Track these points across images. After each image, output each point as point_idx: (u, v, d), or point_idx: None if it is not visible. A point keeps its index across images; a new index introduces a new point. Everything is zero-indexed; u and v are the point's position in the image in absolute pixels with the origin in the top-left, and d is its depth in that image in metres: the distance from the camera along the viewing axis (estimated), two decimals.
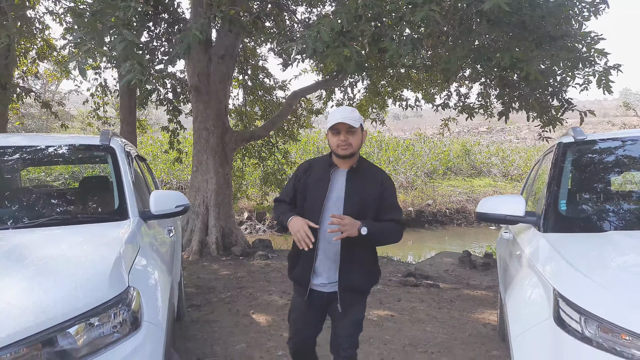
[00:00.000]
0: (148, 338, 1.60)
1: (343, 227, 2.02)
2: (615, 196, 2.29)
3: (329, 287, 2.24)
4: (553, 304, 1.38)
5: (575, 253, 1.63)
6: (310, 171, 2.27)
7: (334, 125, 2.12)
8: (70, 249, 1.83)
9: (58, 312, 1.42)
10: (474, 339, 3.99)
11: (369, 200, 2.17)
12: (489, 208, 2.36)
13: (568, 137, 2.57)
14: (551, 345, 1.29)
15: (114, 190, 2.56)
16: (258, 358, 3.54)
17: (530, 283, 1.65)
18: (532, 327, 1.42)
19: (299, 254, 2.26)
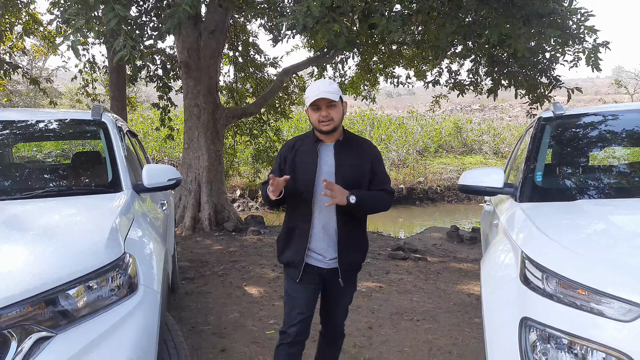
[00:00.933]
0: (144, 300, 1.70)
1: (332, 193, 2.01)
2: (588, 168, 2.40)
3: (325, 264, 2.19)
4: (520, 265, 1.49)
5: (545, 219, 1.73)
6: (296, 149, 2.21)
7: (314, 101, 2.07)
8: (66, 218, 1.91)
9: (59, 275, 1.51)
10: (458, 307, 4.16)
11: (360, 172, 2.16)
12: (470, 180, 2.46)
13: (548, 112, 2.66)
14: (516, 301, 1.40)
15: (106, 164, 2.62)
16: (250, 326, 3.67)
17: (504, 248, 1.76)
18: (500, 286, 1.53)
19: (292, 233, 2.22)
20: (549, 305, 1.29)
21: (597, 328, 1.18)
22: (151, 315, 1.70)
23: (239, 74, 10.84)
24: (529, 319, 1.31)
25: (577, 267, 1.31)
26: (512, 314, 1.38)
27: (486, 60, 6.81)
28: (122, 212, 2.03)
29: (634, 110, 2.63)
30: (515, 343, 1.31)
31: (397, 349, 3.27)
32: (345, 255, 2.17)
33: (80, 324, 1.51)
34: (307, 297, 2.21)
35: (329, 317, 2.36)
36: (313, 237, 2.17)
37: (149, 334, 1.65)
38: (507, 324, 1.38)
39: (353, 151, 2.19)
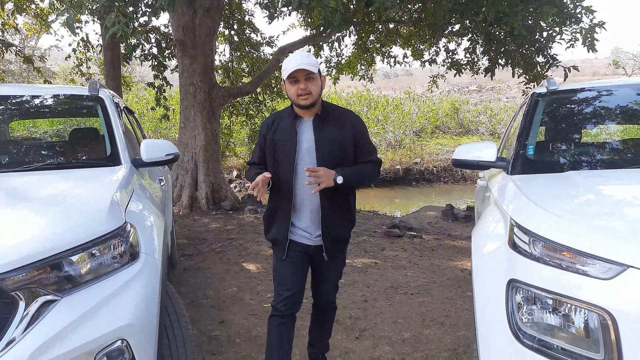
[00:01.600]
0: (145, 267, 1.75)
1: (318, 179, 1.98)
2: (580, 142, 2.44)
3: (311, 240, 2.18)
4: (509, 232, 1.54)
5: (534, 189, 1.79)
6: (275, 126, 2.16)
7: (291, 73, 2.00)
8: (68, 189, 1.94)
9: (63, 241, 1.55)
10: (451, 282, 4.26)
11: (343, 147, 2.11)
12: (464, 154, 2.51)
13: (542, 88, 2.69)
14: (504, 265, 1.46)
15: (105, 139, 2.65)
16: (248, 299, 3.76)
17: (494, 218, 1.82)
18: (490, 252, 1.59)
19: (275, 211, 2.20)
20: (535, 267, 1.35)
21: (580, 287, 1.24)
22: (152, 281, 1.76)
23: (234, 53, 10.76)
24: (515, 281, 1.37)
25: (562, 231, 1.36)
26: (500, 277, 1.44)
27: (483, 39, 6.78)
28: (122, 184, 2.07)
29: (627, 86, 2.67)
30: (502, 304, 1.37)
31: (391, 320, 3.36)
32: (329, 231, 2.16)
33: (83, 288, 1.56)
34: (293, 274, 2.20)
35: (318, 292, 2.38)
36: (296, 215, 2.15)
37: (151, 299, 1.71)
38: (495, 287, 1.44)
39: (333, 125, 2.12)
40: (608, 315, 1.16)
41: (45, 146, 3.50)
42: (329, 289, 2.37)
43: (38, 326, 1.43)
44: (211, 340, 3.03)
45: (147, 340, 1.65)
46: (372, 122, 18.14)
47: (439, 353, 2.84)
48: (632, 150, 2.42)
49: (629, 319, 1.14)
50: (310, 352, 2.65)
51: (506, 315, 1.37)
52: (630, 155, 2.32)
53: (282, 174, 2.13)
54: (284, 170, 2.12)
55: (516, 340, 1.33)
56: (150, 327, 1.68)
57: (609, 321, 1.16)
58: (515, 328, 1.34)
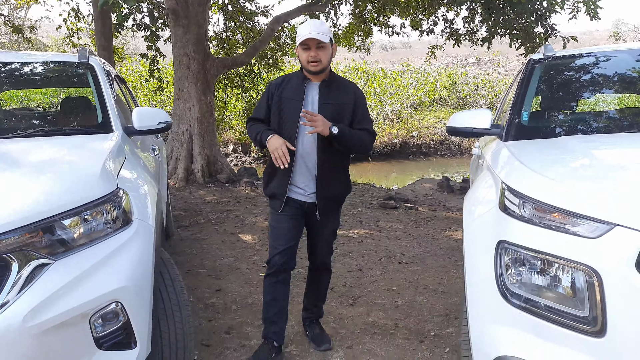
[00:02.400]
0: (139, 232, 1.76)
1: (315, 122, 2.10)
2: (575, 108, 2.43)
3: (306, 197, 2.32)
4: (500, 195, 1.55)
5: (527, 154, 1.78)
6: (284, 86, 2.29)
7: (304, 40, 2.13)
8: (59, 154, 1.93)
9: (54, 205, 1.55)
10: (445, 251, 4.31)
11: (343, 111, 2.25)
12: (458, 122, 2.49)
13: (538, 54, 2.66)
14: (494, 227, 1.47)
15: (96, 107, 2.62)
16: (245, 269, 3.80)
17: (486, 183, 1.82)
18: (480, 215, 1.60)
19: (275, 169, 2.28)
20: (524, 228, 1.36)
21: (567, 246, 1.25)
22: (146, 245, 1.76)
23: (228, 23, 10.55)
24: (504, 242, 1.39)
25: (552, 192, 1.37)
26: (490, 238, 1.45)
27: (482, 7, 6.66)
28: (114, 151, 2.06)
29: (625, 51, 2.63)
30: (491, 265, 1.39)
31: (384, 287, 3.41)
32: (323, 190, 2.29)
33: (77, 252, 1.56)
34: (289, 228, 2.33)
35: (313, 251, 2.50)
36: (295, 171, 2.28)
37: (144, 262, 1.72)
38: (484, 248, 1.45)
39: (337, 91, 2.28)
40: (594, 273, 1.18)
41: (36, 115, 3.47)
42: (323, 248, 2.48)
43: (31, 289, 1.44)
44: (207, 307, 3.07)
45: (142, 303, 1.67)
46: (369, 95, 17.97)
47: (431, 318, 2.89)
48: (629, 117, 2.41)
49: (614, 276, 1.15)
50: (304, 317, 2.71)
51: (495, 276, 1.38)
52: (626, 122, 2.31)
53: (286, 131, 2.24)
54: (287, 127, 2.25)
55: (504, 299, 1.35)
56: (144, 290, 1.69)
57: (594, 279, 1.17)
58: (503, 288, 1.36)
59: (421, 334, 2.71)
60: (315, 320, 2.70)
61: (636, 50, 2.54)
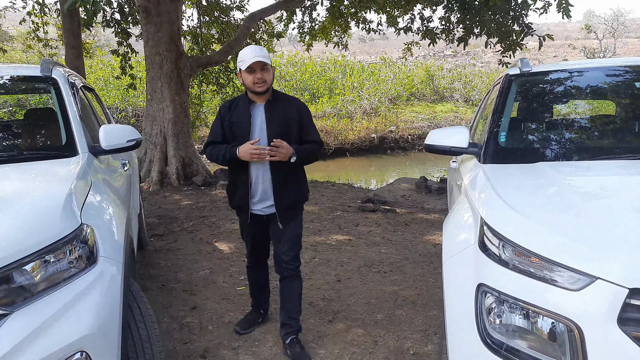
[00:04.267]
0: (105, 272, 1.66)
1: (278, 151, 2.31)
2: (553, 129, 2.42)
3: (266, 209, 2.53)
4: (479, 231, 1.51)
5: (504, 183, 1.76)
6: (232, 110, 2.49)
7: (249, 64, 2.32)
8: (18, 187, 1.80)
9: (13, 249, 1.45)
10: (423, 258, 4.31)
11: (289, 125, 2.45)
12: (436, 140, 2.46)
13: (515, 69, 2.64)
14: (474, 267, 1.44)
15: (60, 125, 2.48)
16: (221, 282, 3.71)
17: (464, 210, 1.79)
18: (460, 251, 1.57)
19: (235, 184, 2.57)
20: (504, 272, 1.33)
21: (548, 296, 1.22)
22: (113, 286, 1.68)
23: (202, 17, 10.30)
24: (484, 285, 1.36)
25: (532, 237, 1.34)
26: (469, 279, 1.42)
27: (458, 8, 6.66)
28: (78, 179, 1.95)
29: (601, 68, 2.64)
30: (471, 308, 1.36)
31: (364, 301, 3.39)
32: (280, 200, 2.49)
33: (37, 299, 1.47)
34: (255, 235, 2.70)
35: (278, 259, 2.63)
36: (252, 187, 2.50)
37: (111, 305, 1.64)
38: (464, 290, 1.42)
39: (281, 108, 2.47)
40: (575, 327, 1.15)
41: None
42: (287, 255, 2.59)
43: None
44: (182, 327, 2.99)
45: (109, 348, 1.58)
46: (347, 89, 17.93)
47: (411, 335, 2.88)
48: (605, 139, 2.41)
49: (596, 331, 1.13)
50: (283, 334, 2.69)
51: (475, 320, 1.35)
52: (608, 145, 2.30)
53: None
54: None
55: (484, 345, 1.32)
56: (111, 334, 1.61)
57: (575, 332, 1.15)
58: (483, 333, 1.33)
59: (401, 352, 2.69)
60: (295, 338, 2.67)
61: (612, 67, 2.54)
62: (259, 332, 2.93)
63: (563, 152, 2.14)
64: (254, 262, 2.86)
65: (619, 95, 2.56)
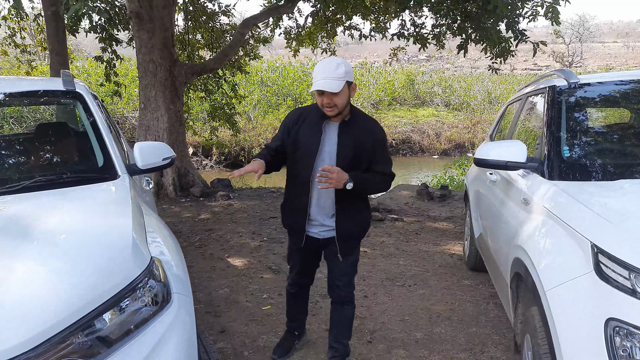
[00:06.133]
0: (181, 310, 1.51)
1: (330, 179, 2.05)
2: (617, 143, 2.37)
3: (323, 233, 2.34)
4: (592, 258, 1.43)
5: (599, 203, 1.69)
6: (301, 122, 2.25)
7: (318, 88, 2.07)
8: (74, 219, 1.62)
9: (90, 297, 1.28)
10: (444, 269, 4.25)
11: (361, 153, 2.19)
12: (488, 154, 2.39)
13: (560, 80, 2.59)
14: (594, 299, 1.36)
15: (92, 144, 2.29)
16: (244, 302, 3.55)
17: (554, 233, 1.72)
18: (568, 280, 1.48)
19: (292, 203, 2.35)
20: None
21: None
22: (190, 326, 1.53)
23: (187, 23, 10.05)
24: (615, 320, 1.27)
25: None
26: (590, 311, 1.34)
27: (460, 15, 6.68)
28: (133, 206, 1.78)
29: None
30: (602, 346, 1.27)
31: (397, 318, 3.29)
32: (343, 230, 2.29)
33: (119, 349, 1.31)
34: (305, 260, 2.49)
35: (332, 284, 2.48)
36: (312, 208, 2.29)
37: (191, 347, 1.49)
38: (586, 323, 1.34)
39: (357, 132, 2.21)
40: None
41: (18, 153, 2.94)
42: (340, 282, 2.44)
43: None
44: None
45: None
46: None
47: (457, 355, 2.79)
48: None
49: None
50: (330, 356, 2.58)
51: (608, 356, 1.27)
52: None
53: (301, 170, 2.24)
54: (303, 166, 2.23)
55: None
56: None
57: None
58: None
59: None
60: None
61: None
62: (298, 356, 2.79)
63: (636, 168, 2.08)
64: (297, 287, 2.64)
65: None
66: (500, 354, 2.78)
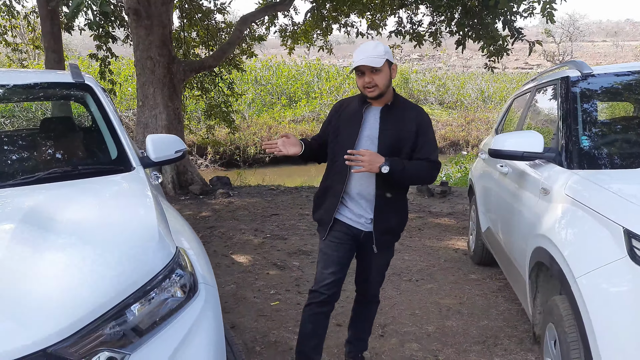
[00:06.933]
0: (209, 300, 1.48)
1: (362, 162, 1.93)
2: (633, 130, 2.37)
3: (361, 225, 2.14)
4: (626, 244, 1.43)
5: (626, 189, 1.69)
6: (342, 110, 2.19)
7: (357, 67, 2.01)
8: (96, 210, 1.58)
9: (121, 287, 1.25)
10: (449, 264, 4.24)
11: (403, 139, 2.07)
12: (505, 145, 2.38)
13: (573, 71, 2.59)
14: (629, 283, 1.35)
15: (103, 136, 2.24)
16: (252, 298, 3.52)
17: (580, 220, 1.71)
18: (600, 266, 1.47)
19: (326, 192, 2.21)
20: None
21: None
22: (217, 315, 1.50)
23: (183, 20, 9.98)
24: None
25: None
26: (627, 297, 1.33)
27: (460, 12, 6.69)
28: (154, 196, 1.74)
29: None
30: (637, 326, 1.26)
31: (408, 312, 3.27)
32: (382, 222, 2.13)
33: (151, 339, 1.27)
34: (339, 257, 2.17)
35: (363, 282, 2.36)
36: (349, 198, 2.15)
37: (220, 337, 1.46)
38: (624, 310, 1.33)
39: (399, 116, 2.11)
40: None
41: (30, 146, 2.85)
42: (373, 278, 2.33)
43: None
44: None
45: None
46: (325, 93, 17.87)
47: (470, 347, 2.78)
48: None
49: None
50: (348, 351, 2.55)
51: None
52: None
53: (340, 156, 2.07)
54: (342, 153, 2.05)
55: None
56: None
57: None
58: None
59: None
60: (360, 355, 2.54)
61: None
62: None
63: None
64: (322, 301, 2.16)
65: None
66: (514, 347, 2.77)
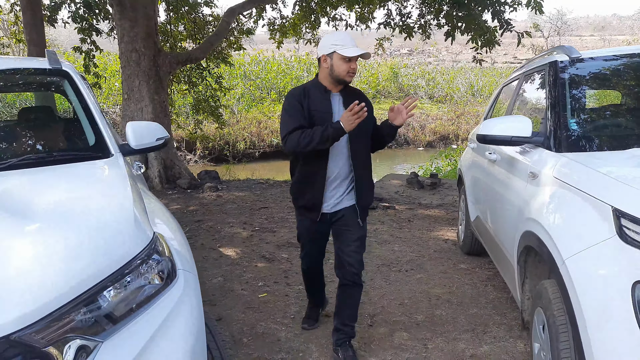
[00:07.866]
0: (188, 287, 1.43)
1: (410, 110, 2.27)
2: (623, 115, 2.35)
3: (336, 206, 2.37)
4: (615, 223, 1.40)
5: (613, 170, 1.66)
6: (307, 97, 2.30)
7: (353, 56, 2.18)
8: (73, 195, 1.51)
9: (92, 271, 1.19)
10: (439, 254, 4.23)
11: (369, 116, 2.29)
12: (493, 130, 2.35)
13: (562, 56, 2.56)
14: (618, 262, 1.32)
15: (81, 123, 2.17)
16: (240, 290, 3.46)
17: (568, 202, 1.68)
18: (588, 247, 1.45)
19: (307, 180, 2.34)
20: None
21: None
22: (197, 303, 1.45)
23: (169, 14, 9.84)
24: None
25: None
26: (615, 276, 1.30)
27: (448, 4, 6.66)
28: (131, 183, 1.68)
29: None
30: (629, 310, 1.24)
31: (397, 302, 3.24)
32: (362, 197, 2.37)
33: (125, 326, 1.22)
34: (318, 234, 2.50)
35: (341, 264, 2.45)
36: (329, 181, 2.33)
37: (199, 327, 1.40)
38: (614, 290, 1.30)
39: (357, 97, 2.29)
40: None
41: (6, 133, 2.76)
42: (352, 257, 2.42)
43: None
44: None
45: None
46: None
47: (459, 336, 2.76)
48: None
49: None
50: (336, 339, 2.54)
51: (636, 318, 1.23)
52: None
53: None
54: None
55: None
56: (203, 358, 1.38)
57: None
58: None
59: (456, 354, 2.57)
60: (348, 342, 2.53)
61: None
62: (301, 342, 2.73)
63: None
64: (313, 265, 2.67)
65: None
66: (503, 334, 2.76)
